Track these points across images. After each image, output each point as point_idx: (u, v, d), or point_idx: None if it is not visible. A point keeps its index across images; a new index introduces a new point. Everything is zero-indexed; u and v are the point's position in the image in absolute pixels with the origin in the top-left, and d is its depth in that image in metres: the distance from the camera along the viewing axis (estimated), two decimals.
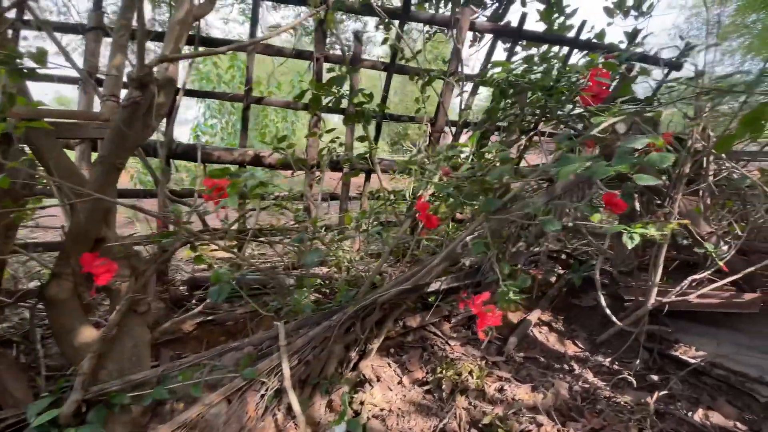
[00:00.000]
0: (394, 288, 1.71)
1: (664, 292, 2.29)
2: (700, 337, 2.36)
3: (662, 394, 2.04)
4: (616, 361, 2.40)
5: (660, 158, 1.14)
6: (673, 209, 2.10)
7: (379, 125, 2.69)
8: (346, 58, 2.31)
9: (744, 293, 2.04)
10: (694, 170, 2.59)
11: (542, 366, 2.42)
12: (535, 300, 3.13)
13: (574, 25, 3.78)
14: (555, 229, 1.18)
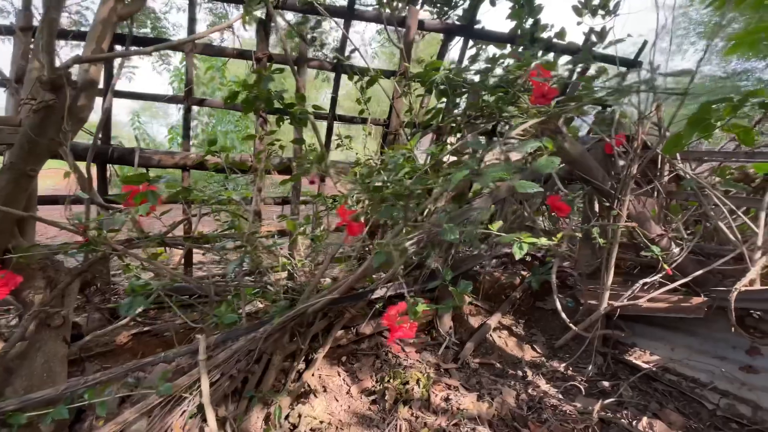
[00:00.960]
0: (324, 298, 1.63)
1: (617, 295, 2.23)
2: (656, 341, 2.30)
3: (611, 401, 1.97)
4: (571, 367, 2.34)
5: (546, 163, 1.07)
6: (621, 212, 2.04)
7: (330, 127, 2.61)
8: (289, 58, 2.23)
9: (693, 297, 1.98)
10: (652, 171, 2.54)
11: (496, 372, 2.35)
12: (497, 303, 3.07)
13: (547, 25, 3.74)
14: (453, 238, 1.11)
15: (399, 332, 1.27)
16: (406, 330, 1.27)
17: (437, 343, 2.65)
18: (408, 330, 1.27)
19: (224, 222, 1.90)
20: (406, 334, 1.28)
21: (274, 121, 2.11)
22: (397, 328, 1.27)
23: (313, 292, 1.86)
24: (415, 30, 2.40)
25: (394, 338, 1.30)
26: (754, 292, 1.74)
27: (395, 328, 1.27)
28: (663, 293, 2.06)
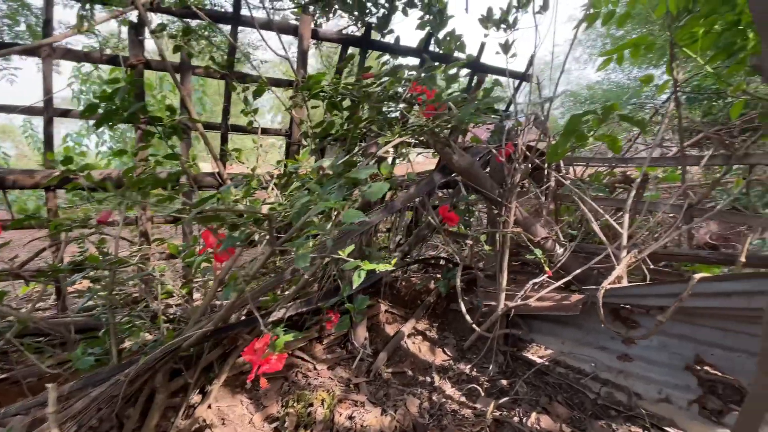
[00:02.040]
0: (198, 331, 1.48)
1: (512, 296, 2.31)
2: (550, 336, 2.43)
3: (506, 400, 2.03)
4: (476, 368, 2.39)
5: (377, 190, 1.06)
6: (508, 218, 2.12)
7: (224, 137, 2.44)
8: (168, 64, 2.03)
9: (572, 295, 2.11)
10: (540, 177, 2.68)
11: (406, 381, 2.34)
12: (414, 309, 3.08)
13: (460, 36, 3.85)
14: (304, 266, 1.06)
15: (265, 366, 1.18)
16: (273, 363, 1.18)
17: (352, 356, 2.59)
18: (276, 362, 1.19)
19: (81, 249, 1.68)
20: (273, 367, 1.19)
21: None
22: (262, 361, 1.18)
23: (198, 321, 1.71)
24: (308, 39, 2.31)
25: (261, 373, 1.20)
26: (618, 288, 1.87)
27: (260, 362, 1.18)
28: (550, 292, 2.16)
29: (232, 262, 1.65)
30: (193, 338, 1.47)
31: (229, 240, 1.11)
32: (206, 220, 1.11)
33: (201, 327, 1.52)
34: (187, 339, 1.48)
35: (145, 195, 1.98)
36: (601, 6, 2.16)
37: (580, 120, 1.98)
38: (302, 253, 1.05)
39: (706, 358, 1.84)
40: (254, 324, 1.91)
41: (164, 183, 1.83)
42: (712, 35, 2.01)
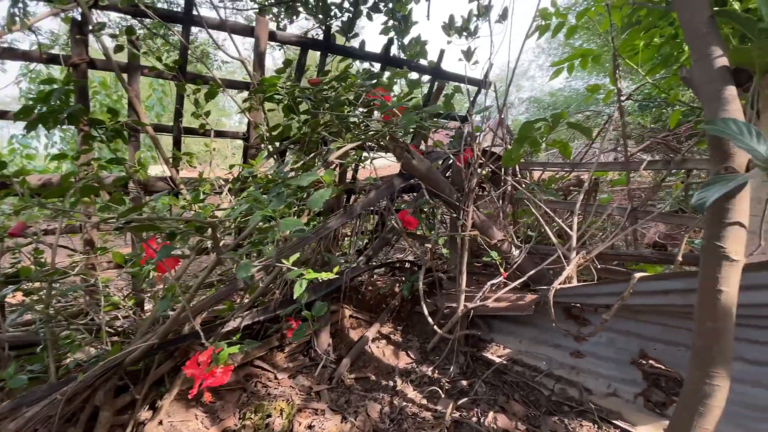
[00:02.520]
0: (141, 345, 1.40)
1: (472, 297, 2.35)
2: (508, 335, 2.48)
3: (465, 401, 2.05)
4: (438, 370, 2.40)
5: (319, 198, 1.05)
6: (466, 221, 2.15)
7: (177, 140, 2.33)
8: (114, 64, 1.92)
9: (527, 295, 2.17)
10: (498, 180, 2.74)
11: (369, 386, 2.31)
12: (379, 312, 3.07)
13: (426, 41, 3.88)
14: (246, 276, 1.02)
15: (209, 380, 1.12)
16: (219, 376, 1.13)
17: (315, 363, 2.54)
18: (221, 376, 1.13)
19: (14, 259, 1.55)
20: (218, 381, 1.14)
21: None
22: (206, 375, 1.12)
23: (146, 334, 1.61)
24: (265, 41, 2.26)
25: (204, 387, 1.14)
26: (568, 288, 1.94)
27: (204, 375, 1.12)
28: (507, 292, 2.21)
29: (182, 270, 1.57)
30: (136, 353, 1.39)
31: (164, 250, 1.04)
32: (137, 229, 1.04)
33: (146, 340, 1.44)
34: (131, 353, 1.39)
35: (89, 201, 1.87)
36: (550, 18, 2.24)
37: (532, 127, 2.04)
38: (244, 264, 1.01)
39: (649, 352, 1.93)
40: (208, 334, 1.83)
41: (107, 188, 1.73)
42: (652, 48, 2.13)
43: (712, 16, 1.23)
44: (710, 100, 1.20)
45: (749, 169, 1.13)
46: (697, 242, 2.75)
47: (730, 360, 1.17)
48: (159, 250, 1.02)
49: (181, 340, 1.72)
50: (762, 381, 1.60)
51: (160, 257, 1.02)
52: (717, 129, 1.09)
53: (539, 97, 32.35)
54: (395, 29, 4.18)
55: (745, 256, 1.15)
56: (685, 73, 1.32)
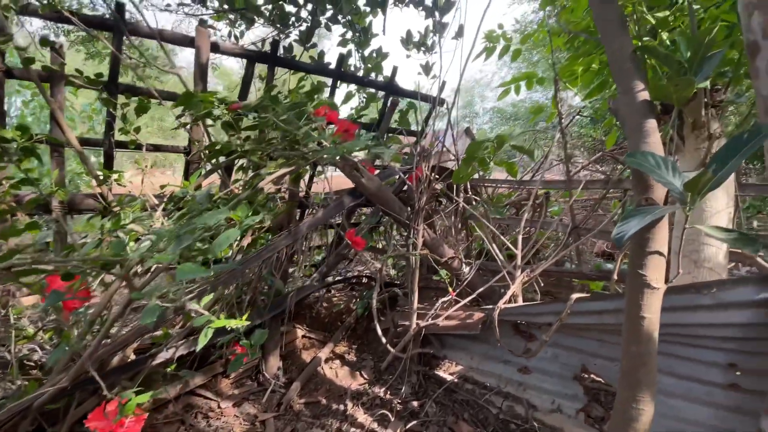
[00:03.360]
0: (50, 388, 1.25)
1: (425, 314, 2.33)
2: (460, 352, 2.48)
3: (415, 423, 2.02)
4: (390, 390, 2.36)
5: (225, 240, 0.99)
6: (417, 240, 2.13)
7: (108, 155, 2.14)
8: (33, 74, 1.75)
9: (475, 313, 2.18)
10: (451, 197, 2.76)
11: (318, 411, 2.23)
12: (334, 330, 2.99)
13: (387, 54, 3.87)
14: (150, 322, 0.93)
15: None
16: (127, 428, 1.02)
17: (264, 388, 2.42)
18: (131, 427, 1.02)
19: None
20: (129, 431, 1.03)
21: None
22: (114, 426, 1.01)
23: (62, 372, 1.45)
24: (206, 52, 2.15)
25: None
26: (513, 308, 1.96)
27: (111, 427, 1.01)
28: (457, 310, 2.21)
29: (103, 305, 1.43)
30: (45, 396, 1.24)
31: (54, 296, 0.93)
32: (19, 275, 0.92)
33: (57, 382, 1.29)
34: (39, 397, 1.24)
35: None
36: (497, 41, 2.30)
37: (479, 147, 2.06)
38: (151, 308, 0.91)
39: (590, 367, 1.98)
40: (135, 368, 1.69)
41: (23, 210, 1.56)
42: (590, 73, 2.23)
43: (635, 51, 1.28)
44: (633, 132, 1.25)
45: (668, 200, 1.18)
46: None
47: (655, 383, 1.20)
48: (48, 296, 0.90)
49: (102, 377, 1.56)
50: (690, 395, 1.67)
51: (52, 302, 0.91)
52: (636, 162, 1.12)
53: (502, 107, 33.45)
54: (355, 41, 4.16)
55: (668, 282, 1.19)
56: (612, 104, 1.37)
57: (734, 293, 1.35)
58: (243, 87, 2.36)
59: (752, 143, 1.00)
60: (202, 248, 1.01)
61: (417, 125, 2.58)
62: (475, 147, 2.08)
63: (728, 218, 1.67)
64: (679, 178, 1.08)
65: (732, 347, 1.51)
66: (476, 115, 56.46)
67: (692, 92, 1.18)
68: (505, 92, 2.54)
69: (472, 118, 57.16)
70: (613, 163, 5.91)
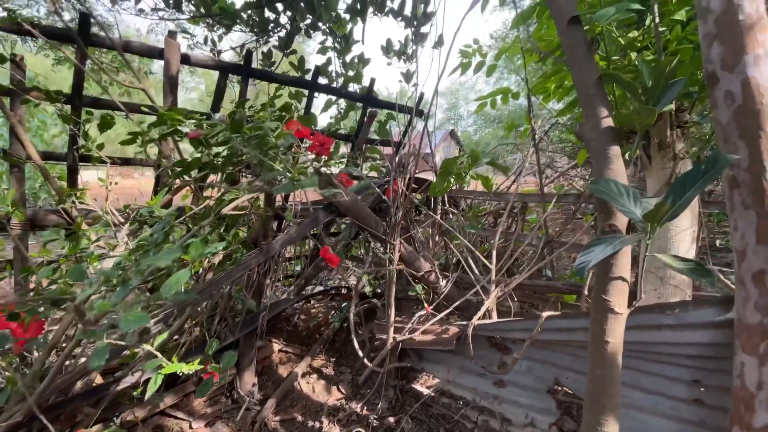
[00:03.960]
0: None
1: (402, 328, 2.32)
2: (437, 364, 2.48)
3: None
4: (366, 406, 2.34)
5: (174, 284, 0.95)
6: (393, 254, 2.12)
7: (72, 169, 2.05)
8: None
9: (450, 328, 2.19)
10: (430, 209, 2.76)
11: (294, 429, 2.19)
12: (312, 343, 2.95)
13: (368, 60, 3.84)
14: (98, 366, 0.89)
15: None
16: None
17: (238, 406, 2.37)
18: None
19: None
20: None
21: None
22: None
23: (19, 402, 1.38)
24: (176, 64, 2.10)
25: None
26: (487, 324, 1.97)
27: None
28: (433, 324, 2.21)
29: (61, 332, 1.37)
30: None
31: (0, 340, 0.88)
32: None
33: (10, 416, 1.22)
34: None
35: None
36: (471, 57, 2.31)
37: (454, 163, 2.07)
38: (100, 349, 0.87)
39: (562, 381, 2.00)
40: (100, 393, 1.62)
41: None
42: (563, 89, 2.26)
43: (600, 78, 1.30)
44: (597, 157, 1.26)
45: (630, 226, 1.20)
46: None
47: (619, 407, 1.22)
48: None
49: (67, 403, 1.50)
50: (656, 409, 1.70)
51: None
52: (599, 190, 1.14)
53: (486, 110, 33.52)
54: (335, 48, 4.13)
55: (631, 306, 1.21)
56: (579, 129, 1.38)
57: (696, 314, 1.38)
58: (215, 99, 2.31)
59: (710, 174, 1.02)
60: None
61: (394, 137, 2.58)
62: (450, 163, 2.08)
63: (692, 237, 1.72)
64: (640, 207, 1.10)
65: (696, 364, 1.55)
66: (461, 117, 56.92)
67: (654, 120, 1.20)
68: (481, 106, 2.56)
69: (457, 120, 57.58)
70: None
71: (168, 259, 0.93)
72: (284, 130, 1.66)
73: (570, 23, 1.35)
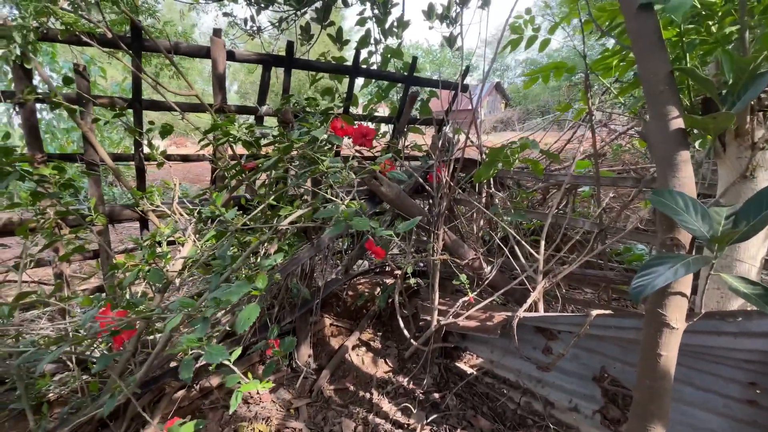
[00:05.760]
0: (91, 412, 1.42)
1: (446, 312, 2.41)
2: (481, 345, 2.56)
3: (435, 417, 2.16)
4: (413, 380, 2.51)
5: (245, 319, 1.03)
6: (437, 243, 2.16)
7: (139, 169, 2.24)
8: (58, 95, 1.80)
9: (496, 315, 2.23)
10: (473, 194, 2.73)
11: (347, 398, 2.41)
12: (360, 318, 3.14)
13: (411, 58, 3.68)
14: (187, 376, 1.03)
15: None
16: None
17: (297, 374, 2.64)
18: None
19: None
20: None
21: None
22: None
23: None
24: (223, 62, 2.14)
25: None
26: (533, 317, 1.99)
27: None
28: (478, 310, 2.27)
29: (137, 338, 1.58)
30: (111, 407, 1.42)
31: (103, 359, 1.05)
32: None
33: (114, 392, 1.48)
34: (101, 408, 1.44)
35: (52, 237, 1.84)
36: (522, 32, 2.14)
37: (501, 151, 2.01)
38: (187, 362, 1.02)
39: (609, 370, 2.02)
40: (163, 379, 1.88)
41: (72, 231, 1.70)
42: (627, 63, 2.06)
43: (672, 72, 1.18)
44: (662, 163, 1.18)
45: (694, 241, 1.13)
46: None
47: (668, 416, 1.23)
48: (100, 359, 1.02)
49: (156, 380, 1.77)
50: (707, 405, 1.69)
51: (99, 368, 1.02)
52: (661, 202, 1.08)
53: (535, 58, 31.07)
54: (375, 17, 3.96)
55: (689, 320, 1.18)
56: (642, 128, 1.29)
57: (760, 324, 1.32)
58: (261, 92, 2.35)
59: None
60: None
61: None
62: (497, 152, 2.02)
63: (764, 251, 1.58)
64: (708, 224, 1.04)
65: (754, 368, 1.50)
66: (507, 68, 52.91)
67: (731, 124, 1.09)
68: (531, 81, 2.40)
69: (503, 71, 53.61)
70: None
71: (239, 293, 1.05)
72: (330, 129, 1.69)
73: (640, 9, 1.22)
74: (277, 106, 2.08)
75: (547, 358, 2.28)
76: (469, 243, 2.37)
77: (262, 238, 1.40)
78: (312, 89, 2.35)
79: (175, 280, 1.65)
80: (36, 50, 1.66)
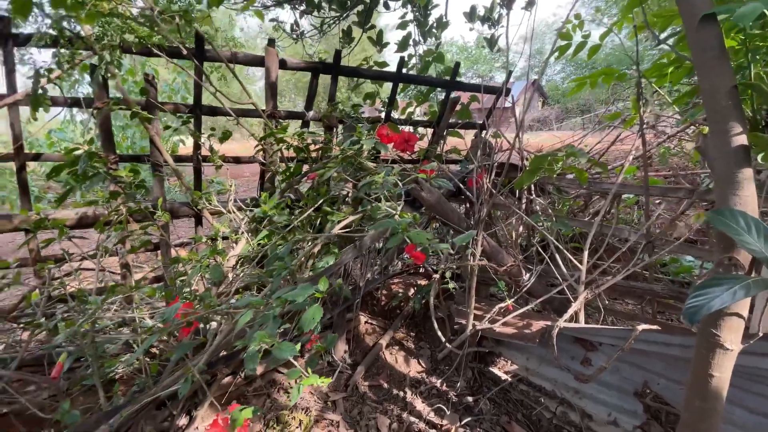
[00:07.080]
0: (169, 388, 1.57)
1: (481, 317, 2.42)
2: (516, 351, 2.55)
3: (469, 420, 2.18)
4: (446, 382, 2.53)
5: (311, 319, 1.09)
6: (476, 250, 2.17)
7: (197, 170, 2.41)
8: (131, 102, 1.99)
9: (534, 323, 2.21)
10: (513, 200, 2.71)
11: (381, 395, 2.48)
12: (394, 318, 3.20)
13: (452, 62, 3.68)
14: (252, 368, 1.11)
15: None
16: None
17: (333, 368, 2.73)
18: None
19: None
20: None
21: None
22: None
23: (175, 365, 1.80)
24: (276, 71, 2.25)
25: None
26: (573, 328, 1.96)
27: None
28: (515, 317, 2.26)
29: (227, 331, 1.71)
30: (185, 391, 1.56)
31: (182, 348, 1.17)
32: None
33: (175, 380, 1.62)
34: (164, 390, 1.58)
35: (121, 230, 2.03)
36: (570, 37, 2.10)
37: (544, 160, 1.99)
38: (251, 354, 1.12)
39: (652, 386, 1.96)
40: (233, 359, 2.02)
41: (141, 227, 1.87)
42: (682, 70, 1.98)
43: (735, 87, 1.15)
44: (723, 181, 1.15)
45: (754, 262, 1.09)
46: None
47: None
48: (178, 347, 1.14)
49: (209, 367, 1.91)
50: (760, 429, 1.61)
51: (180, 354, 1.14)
52: (723, 223, 1.05)
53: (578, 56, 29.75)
54: (416, 20, 3.99)
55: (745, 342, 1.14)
56: (701, 143, 1.25)
57: None
58: (309, 98, 2.45)
59: None
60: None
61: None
62: (540, 159, 2.01)
63: None
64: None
65: None
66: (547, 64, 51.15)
67: None
68: (578, 87, 2.35)
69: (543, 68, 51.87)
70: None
71: (304, 295, 1.13)
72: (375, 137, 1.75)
73: (703, 20, 1.18)
74: (324, 113, 2.17)
75: (586, 368, 2.24)
76: (508, 249, 2.36)
77: (316, 243, 1.49)
78: (354, 93, 2.43)
79: (228, 275, 1.77)
80: (120, 65, 1.85)
